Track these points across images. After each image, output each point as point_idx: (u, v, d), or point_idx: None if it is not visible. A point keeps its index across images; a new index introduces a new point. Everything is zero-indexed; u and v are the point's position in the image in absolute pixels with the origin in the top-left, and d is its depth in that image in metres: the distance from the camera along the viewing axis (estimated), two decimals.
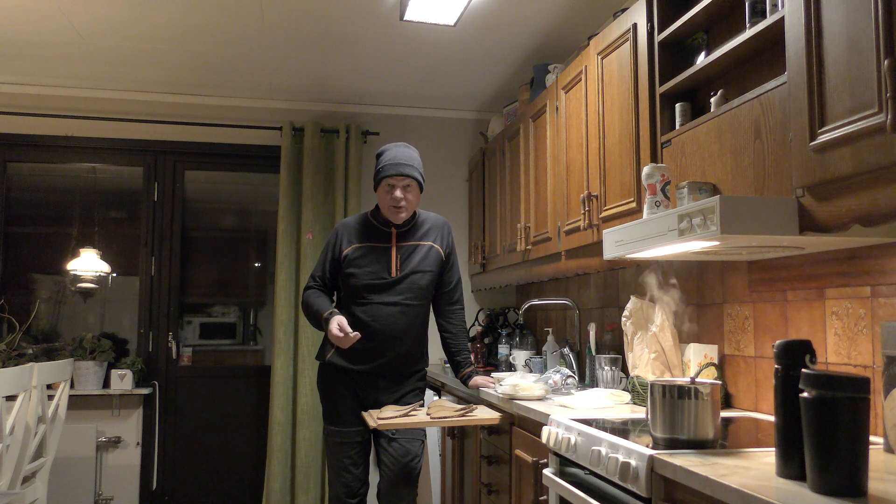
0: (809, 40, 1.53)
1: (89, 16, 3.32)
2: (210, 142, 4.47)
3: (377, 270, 2.77)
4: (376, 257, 2.79)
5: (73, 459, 4.04)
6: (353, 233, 2.84)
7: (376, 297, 2.75)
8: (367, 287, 2.76)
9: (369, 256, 2.78)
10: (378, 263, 2.78)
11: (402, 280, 2.78)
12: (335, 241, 2.85)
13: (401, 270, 2.78)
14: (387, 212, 2.79)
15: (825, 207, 1.54)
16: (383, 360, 2.77)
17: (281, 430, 4.18)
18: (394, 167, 2.74)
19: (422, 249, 2.84)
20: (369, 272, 2.77)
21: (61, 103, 4.29)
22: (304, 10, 3.24)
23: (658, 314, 2.47)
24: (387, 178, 2.74)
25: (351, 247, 2.81)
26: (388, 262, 2.79)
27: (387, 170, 2.75)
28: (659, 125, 2.31)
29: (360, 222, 2.88)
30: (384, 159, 2.79)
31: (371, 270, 2.77)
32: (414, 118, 4.69)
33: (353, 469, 2.76)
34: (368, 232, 2.84)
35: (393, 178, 2.73)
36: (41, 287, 4.46)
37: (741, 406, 2.32)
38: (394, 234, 2.83)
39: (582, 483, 1.96)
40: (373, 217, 2.88)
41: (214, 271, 4.83)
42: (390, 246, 2.81)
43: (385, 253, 2.80)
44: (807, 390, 1.28)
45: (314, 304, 2.79)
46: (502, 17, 3.30)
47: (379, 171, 2.77)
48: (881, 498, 1.21)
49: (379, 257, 2.79)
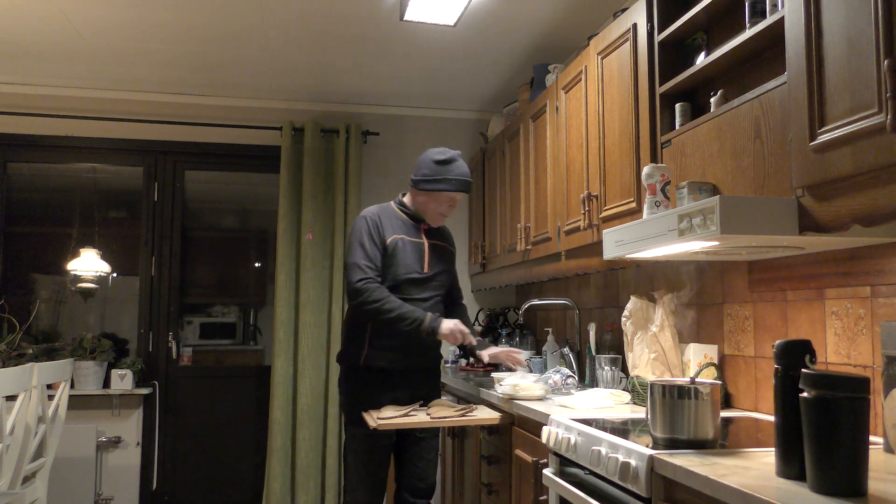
0: (809, 40, 1.53)
1: (89, 16, 3.32)
2: (210, 142, 4.47)
3: (412, 264, 2.74)
4: (411, 251, 2.76)
5: (73, 459, 4.04)
6: (390, 223, 2.77)
7: (414, 292, 2.72)
8: (406, 281, 2.71)
9: (406, 249, 2.75)
10: (412, 257, 2.75)
11: (433, 277, 2.79)
12: (377, 228, 2.73)
13: (430, 267, 2.78)
14: (431, 216, 2.79)
15: (825, 207, 1.54)
16: (421, 357, 2.79)
17: (281, 430, 4.18)
18: (464, 184, 2.75)
19: (445, 249, 2.88)
20: (406, 266, 2.73)
21: (61, 103, 4.29)
22: (304, 11, 3.24)
23: (658, 314, 2.47)
24: (453, 192, 2.73)
25: (392, 237, 2.74)
26: (421, 257, 2.77)
27: (457, 185, 2.73)
28: (659, 125, 2.31)
29: (391, 214, 2.81)
30: (453, 171, 2.74)
31: (408, 264, 2.73)
32: (414, 118, 4.69)
33: (382, 473, 2.73)
34: (402, 225, 2.80)
35: (459, 193, 2.75)
36: (41, 287, 4.46)
37: (741, 406, 2.32)
38: (422, 230, 2.83)
39: (582, 483, 1.96)
40: (401, 210, 2.84)
41: (214, 271, 4.83)
42: (422, 242, 2.80)
43: (418, 248, 2.78)
44: (807, 390, 1.28)
45: (401, 305, 2.62)
46: (502, 17, 3.30)
47: (448, 182, 2.72)
48: (881, 498, 1.21)
49: (413, 252, 2.76)
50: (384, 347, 2.71)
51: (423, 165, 2.76)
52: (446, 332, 2.63)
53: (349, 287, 2.67)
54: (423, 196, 2.77)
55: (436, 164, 2.74)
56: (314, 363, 4.24)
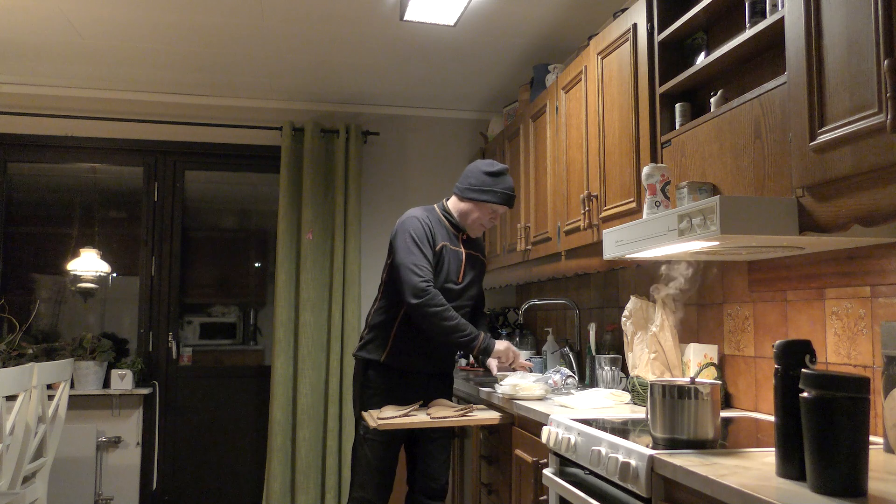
0: (809, 40, 1.53)
1: (89, 16, 3.32)
2: (210, 142, 4.47)
3: (450, 273, 2.74)
4: (453, 260, 2.75)
5: (73, 459, 4.04)
6: (438, 230, 2.76)
7: (448, 301, 2.66)
8: (443, 290, 2.68)
9: (449, 257, 2.74)
10: (453, 266, 2.75)
11: (467, 287, 2.79)
12: (431, 232, 2.71)
13: (465, 277, 2.78)
14: (472, 226, 2.79)
15: (825, 207, 1.54)
16: (439, 362, 2.82)
17: (281, 430, 4.18)
18: (509, 199, 2.75)
19: (478, 260, 2.89)
20: (446, 274, 2.72)
21: (61, 103, 4.29)
22: (304, 11, 3.24)
23: (658, 314, 2.47)
24: (499, 205, 2.74)
25: (441, 243, 2.73)
26: (459, 266, 2.77)
27: (503, 198, 2.73)
28: (659, 125, 2.31)
29: (439, 220, 2.79)
30: (502, 185, 2.74)
31: (447, 272, 2.73)
32: (414, 118, 4.69)
33: (391, 471, 2.73)
34: (446, 232, 2.79)
35: (504, 207, 2.76)
36: (41, 287, 4.46)
37: (741, 406, 2.32)
38: (461, 240, 2.83)
39: (582, 483, 1.96)
40: (446, 216, 2.82)
41: (214, 271, 4.82)
42: (461, 251, 2.80)
43: (458, 257, 2.78)
44: (807, 390, 1.28)
45: (460, 317, 2.63)
46: (502, 17, 3.30)
47: (494, 194, 2.72)
48: (881, 498, 1.21)
49: (454, 260, 2.76)
50: (406, 350, 2.72)
51: (472, 175, 2.77)
52: (501, 351, 2.66)
53: (413, 287, 2.58)
54: (467, 205, 2.77)
55: (485, 175, 2.75)
56: (314, 363, 4.25)
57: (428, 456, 2.78)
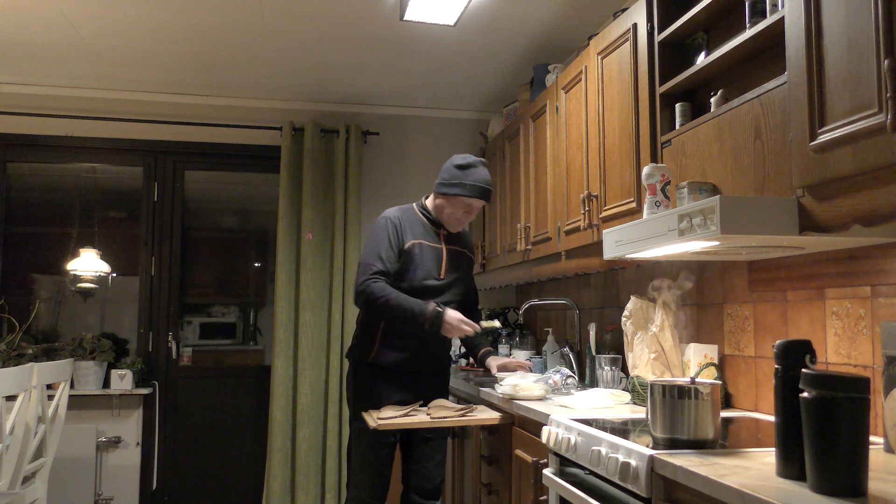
0: (809, 40, 1.53)
1: (89, 16, 3.32)
2: (210, 142, 4.47)
3: (429, 270, 2.74)
4: (429, 256, 2.75)
5: (73, 459, 4.04)
6: (411, 227, 2.76)
7: (430, 297, 2.68)
8: (423, 287, 2.70)
9: (424, 254, 2.74)
10: (430, 263, 2.75)
11: (450, 283, 2.78)
12: (396, 232, 2.72)
13: (447, 273, 2.78)
14: (448, 221, 2.78)
15: (825, 207, 1.54)
16: (431, 360, 2.80)
17: (281, 430, 4.18)
18: (481, 191, 2.72)
19: (463, 256, 2.87)
20: (423, 271, 2.72)
21: (61, 103, 4.29)
22: (304, 11, 3.24)
23: (658, 314, 2.47)
24: (472, 198, 2.72)
25: (412, 241, 2.73)
26: (438, 263, 2.77)
27: (475, 192, 2.71)
28: (659, 125, 2.31)
29: (413, 217, 2.80)
30: (472, 177, 2.72)
31: (425, 269, 2.73)
32: (414, 118, 4.69)
33: (385, 471, 2.72)
34: (423, 229, 2.79)
35: (478, 200, 2.74)
36: (41, 287, 4.46)
37: (741, 406, 2.32)
38: (442, 236, 2.82)
39: (582, 483, 1.96)
40: (423, 213, 2.83)
41: (214, 271, 4.83)
42: (441, 247, 2.80)
43: (436, 254, 2.78)
44: (807, 390, 1.28)
45: (404, 299, 2.61)
46: (502, 17, 3.30)
47: (464, 187, 2.70)
48: (881, 498, 1.21)
49: (431, 257, 2.76)
50: (395, 347, 2.72)
51: (445, 170, 2.77)
52: (453, 322, 2.59)
53: (355, 289, 2.69)
54: (441, 200, 2.77)
55: (455, 169, 2.74)
56: (314, 363, 4.25)
57: (423, 456, 2.78)
